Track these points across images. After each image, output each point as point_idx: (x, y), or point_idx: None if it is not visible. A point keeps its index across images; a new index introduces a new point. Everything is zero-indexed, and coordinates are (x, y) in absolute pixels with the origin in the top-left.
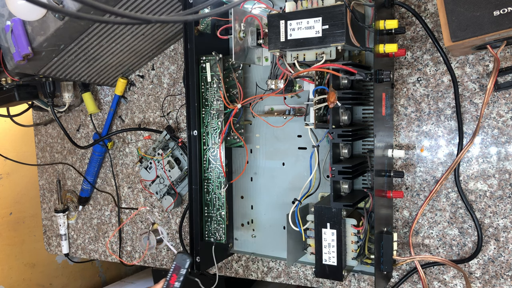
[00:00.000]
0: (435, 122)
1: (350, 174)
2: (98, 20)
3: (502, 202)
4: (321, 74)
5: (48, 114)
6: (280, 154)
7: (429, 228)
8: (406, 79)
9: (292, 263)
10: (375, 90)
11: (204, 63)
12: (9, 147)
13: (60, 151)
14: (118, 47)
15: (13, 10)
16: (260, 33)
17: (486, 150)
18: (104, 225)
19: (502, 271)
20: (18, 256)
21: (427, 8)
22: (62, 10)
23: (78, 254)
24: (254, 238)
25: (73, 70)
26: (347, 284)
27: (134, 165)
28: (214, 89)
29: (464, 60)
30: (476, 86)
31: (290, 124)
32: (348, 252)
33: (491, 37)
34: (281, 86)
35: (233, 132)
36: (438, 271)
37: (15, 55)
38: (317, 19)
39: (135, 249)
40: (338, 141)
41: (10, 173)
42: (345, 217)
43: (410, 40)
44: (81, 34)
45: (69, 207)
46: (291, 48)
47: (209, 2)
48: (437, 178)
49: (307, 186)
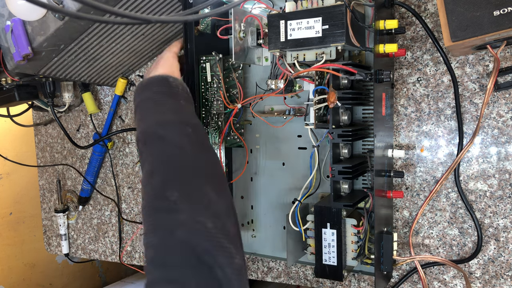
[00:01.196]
0: (435, 122)
1: (350, 174)
2: (98, 20)
3: (502, 202)
4: (321, 74)
5: (48, 114)
6: (280, 154)
7: (429, 228)
8: (406, 79)
9: (292, 263)
10: (375, 90)
11: (204, 63)
12: (9, 147)
13: (60, 151)
14: (118, 47)
15: (13, 10)
16: (260, 33)
17: (486, 150)
18: (104, 225)
19: (502, 271)
20: (18, 256)
21: (427, 8)
22: (62, 10)
23: (78, 254)
24: (254, 238)
25: (73, 70)
26: (347, 284)
27: (134, 165)
28: (214, 89)
29: (464, 60)
30: (476, 86)
31: (290, 124)
32: (348, 252)
33: (491, 37)
34: (281, 86)
35: (233, 132)
36: (438, 271)
37: (15, 55)
38: (317, 19)
39: (135, 249)
40: (338, 141)
41: (10, 173)
42: (345, 217)
43: (410, 40)
44: (81, 34)
45: (69, 207)
46: (291, 48)
47: (209, 2)
48: (437, 178)
49: (307, 186)
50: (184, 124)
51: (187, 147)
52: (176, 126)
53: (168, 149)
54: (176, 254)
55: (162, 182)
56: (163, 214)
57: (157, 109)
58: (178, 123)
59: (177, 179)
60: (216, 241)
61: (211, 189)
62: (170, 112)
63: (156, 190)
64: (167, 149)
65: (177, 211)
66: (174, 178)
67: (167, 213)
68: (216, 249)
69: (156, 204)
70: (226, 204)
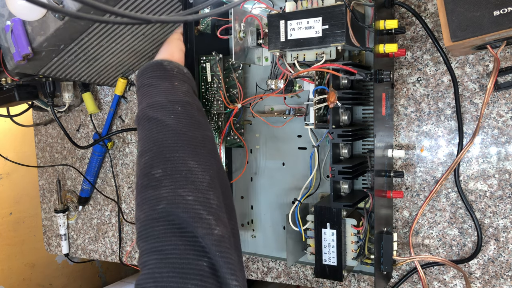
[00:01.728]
0: (435, 122)
1: (350, 174)
2: (98, 20)
3: (502, 202)
4: (321, 74)
5: (48, 114)
6: (280, 154)
7: (429, 228)
8: (406, 79)
9: (292, 263)
10: (375, 90)
11: (204, 63)
12: (9, 147)
13: (60, 151)
14: (118, 47)
15: (13, 10)
16: (260, 33)
17: (486, 150)
18: (104, 225)
19: (502, 271)
20: (18, 256)
21: (427, 8)
22: (62, 10)
23: (78, 254)
24: (254, 238)
25: (73, 70)
26: (347, 284)
27: (134, 165)
28: (214, 89)
29: (464, 60)
30: (476, 86)
31: (290, 124)
32: (348, 252)
33: (491, 37)
34: (281, 86)
35: (233, 132)
36: (438, 271)
37: (15, 55)
38: (317, 19)
39: (135, 249)
40: (338, 141)
41: (10, 173)
42: (345, 217)
43: (410, 40)
44: (81, 34)
45: (69, 207)
46: (291, 48)
47: (209, 2)
48: (437, 178)
49: (307, 186)
50: (173, 103)
51: (174, 125)
52: (165, 106)
53: (154, 128)
54: (159, 226)
55: (149, 161)
56: (149, 191)
57: (149, 92)
58: (166, 102)
59: (161, 156)
60: (194, 213)
61: (195, 163)
62: (161, 93)
63: (144, 169)
64: (153, 128)
65: (161, 187)
66: (158, 155)
67: (153, 189)
68: (194, 220)
69: (144, 182)
70: (210, 176)
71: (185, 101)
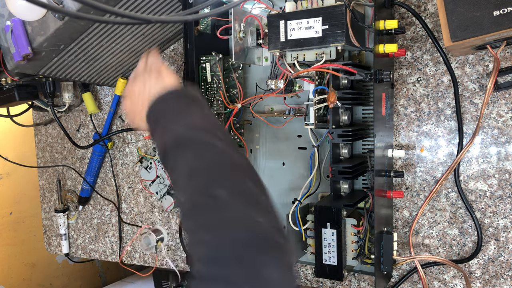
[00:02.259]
0: (435, 122)
1: (350, 174)
2: (98, 20)
3: (502, 202)
4: (321, 74)
5: (48, 114)
6: (280, 154)
7: (429, 228)
8: (406, 79)
9: None
10: (375, 90)
11: (204, 63)
12: (9, 147)
13: (60, 151)
14: (118, 47)
15: (13, 10)
16: (260, 33)
17: (486, 150)
18: (104, 225)
19: (502, 271)
20: (18, 256)
21: (427, 8)
22: (62, 10)
23: (78, 254)
24: None
25: (73, 70)
26: (347, 284)
27: (134, 165)
28: (214, 89)
29: (464, 60)
30: (476, 86)
31: (290, 124)
32: (348, 252)
33: (491, 37)
34: (281, 86)
35: (233, 132)
36: (438, 271)
37: (15, 55)
38: (317, 19)
39: (135, 249)
40: (338, 141)
41: (10, 173)
42: (345, 217)
43: (410, 40)
44: (81, 34)
45: (69, 207)
46: (291, 48)
47: (209, 2)
48: (437, 178)
49: (307, 186)
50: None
51: (224, 148)
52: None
53: (206, 150)
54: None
55: (207, 182)
56: (213, 213)
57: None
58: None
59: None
60: (268, 236)
61: (254, 185)
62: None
63: (201, 189)
64: (205, 150)
65: (228, 208)
66: (219, 176)
67: (218, 211)
68: (269, 244)
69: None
70: (269, 198)
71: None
